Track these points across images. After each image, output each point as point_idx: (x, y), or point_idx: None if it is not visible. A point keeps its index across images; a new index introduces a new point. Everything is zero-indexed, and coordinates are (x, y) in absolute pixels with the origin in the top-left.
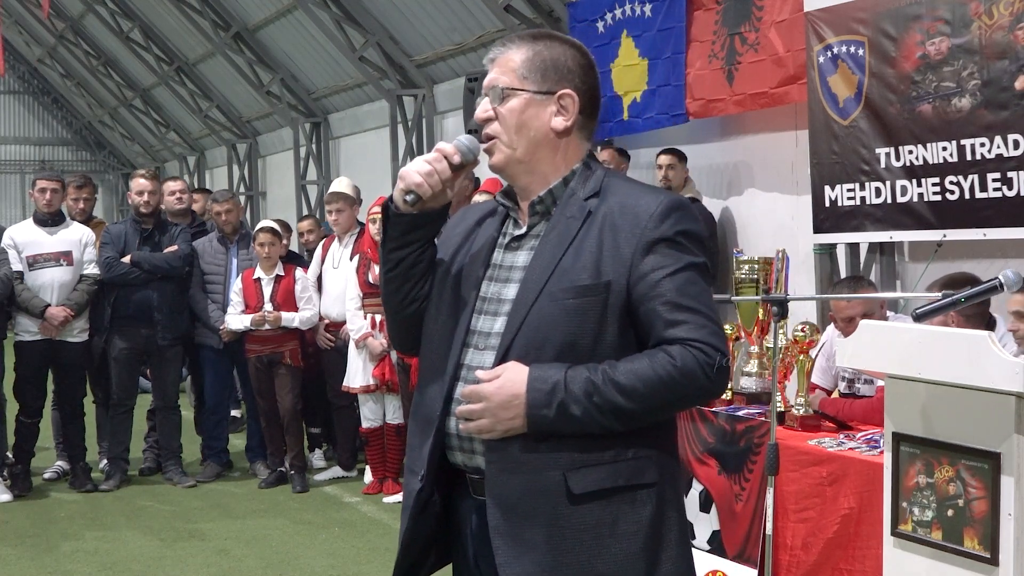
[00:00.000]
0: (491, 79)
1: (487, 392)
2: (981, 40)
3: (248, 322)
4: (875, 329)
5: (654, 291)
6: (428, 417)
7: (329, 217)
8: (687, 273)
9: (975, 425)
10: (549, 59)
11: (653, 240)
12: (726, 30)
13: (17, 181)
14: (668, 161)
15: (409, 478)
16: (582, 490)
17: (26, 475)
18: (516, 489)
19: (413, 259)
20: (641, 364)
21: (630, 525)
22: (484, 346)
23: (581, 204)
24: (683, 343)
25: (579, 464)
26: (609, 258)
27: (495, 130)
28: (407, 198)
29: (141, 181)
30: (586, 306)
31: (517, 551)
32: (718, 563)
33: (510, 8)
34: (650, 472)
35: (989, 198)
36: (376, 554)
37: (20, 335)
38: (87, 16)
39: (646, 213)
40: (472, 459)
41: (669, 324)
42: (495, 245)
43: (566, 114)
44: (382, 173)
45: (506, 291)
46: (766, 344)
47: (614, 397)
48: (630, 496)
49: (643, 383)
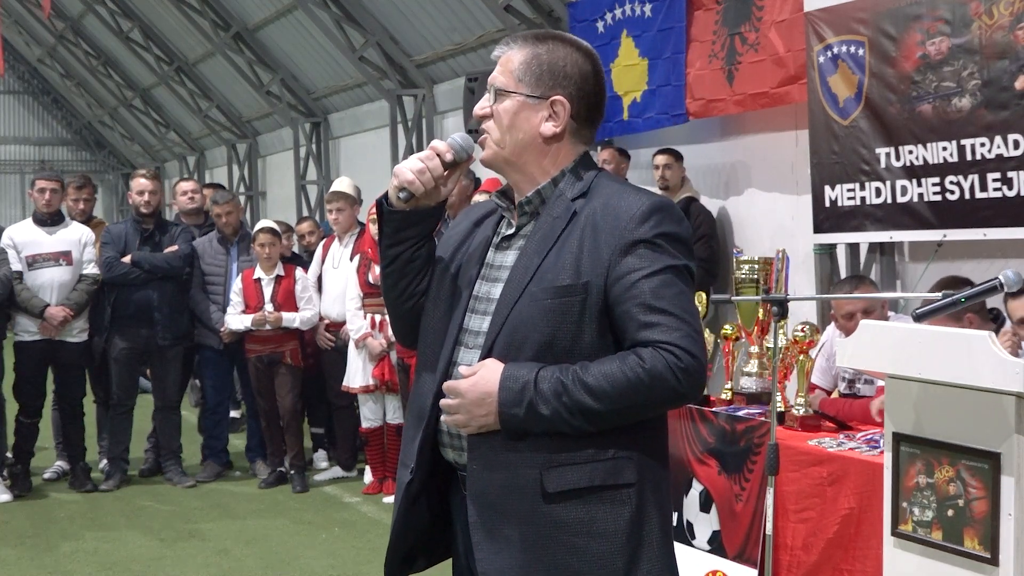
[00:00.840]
0: (491, 77)
1: (463, 388)
2: (981, 40)
3: (248, 322)
4: (875, 329)
5: (629, 292)
6: (420, 412)
7: (329, 216)
8: (664, 275)
9: (975, 425)
10: (547, 63)
11: (632, 241)
12: (726, 30)
13: (17, 181)
14: (665, 161)
15: (401, 471)
16: (556, 488)
17: (26, 475)
18: (494, 486)
19: (409, 255)
20: (611, 366)
21: (608, 524)
22: (473, 344)
23: (567, 204)
24: (655, 345)
25: (555, 463)
26: (588, 259)
27: (488, 127)
28: (400, 195)
29: (141, 181)
30: (565, 306)
31: (495, 547)
32: (718, 563)
33: (510, 8)
34: (629, 472)
35: (989, 198)
36: (376, 554)
37: (19, 335)
38: (87, 16)
39: (627, 214)
40: (462, 456)
41: (642, 326)
42: (489, 244)
43: (556, 120)
44: (382, 173)
45: (494, 290)
46: (766, 344)
47: (582, 398)
48: (608, 496)
49: (611, 385)
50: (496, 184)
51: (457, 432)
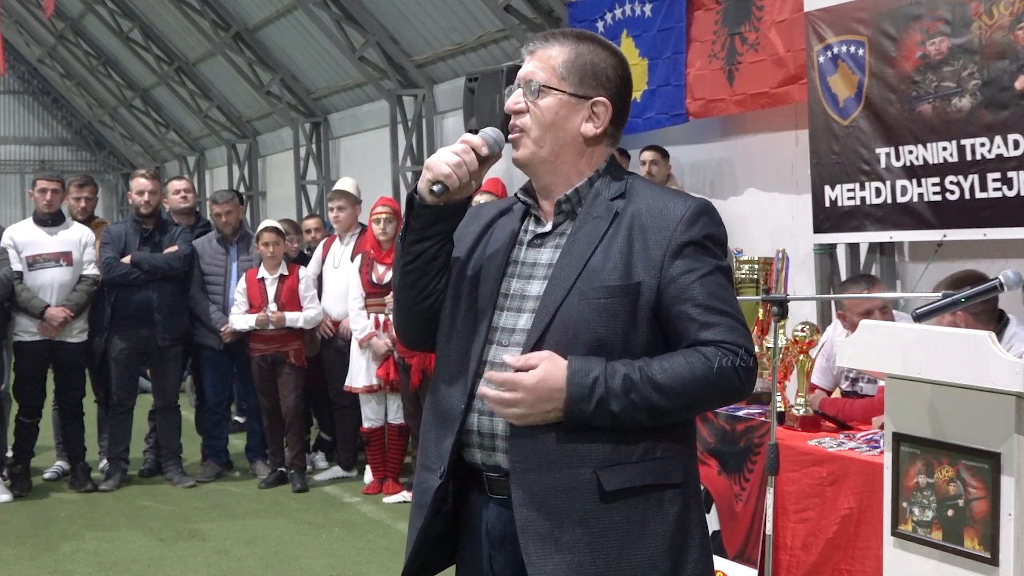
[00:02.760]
0: (528, 72)
1: (527, 384)
2: (981, 40)
3: (252, 322)
4: (875, 329)
5: (686, 294)
6: (448, 413)
7: (330, 215)
8: (716, 276)
9: (975, 425)
10: (590, 63)
11: (683, 243)
12: (726, 30)
13: (17, 181)
14: (651, 157)
15: (426, 475)
16: (614, 487)
17: (26, 475)
18: (546, 487)
19: (433, 252)
20: (677, 363)
21: (658, 525)
22: (508, 342)
23: (608, 204)
24: (717, 345)
25: (610, 462)
26: (639, 260)
27: (524, 124)
28: (434, 188)
29: (141, 181)
30: (616, 306)
31: (546, 550)
32: (718, 563)
33: (510, 8)
34: (676, 471)
35: (989, 198)
36: (376, 554)
37: (19, 335)
38: (87, 16)
39: (675, 216)
40: (492, 457)
41: (703, 326)
42: (515, 242)
43: (597, 121)
44: (382, 173)
45: (530, 287)
46: (766, 344)
47: (651, 395)
48: (657, 496)
49: (679, 382)
50: (496, 184)
51: (490, 432)
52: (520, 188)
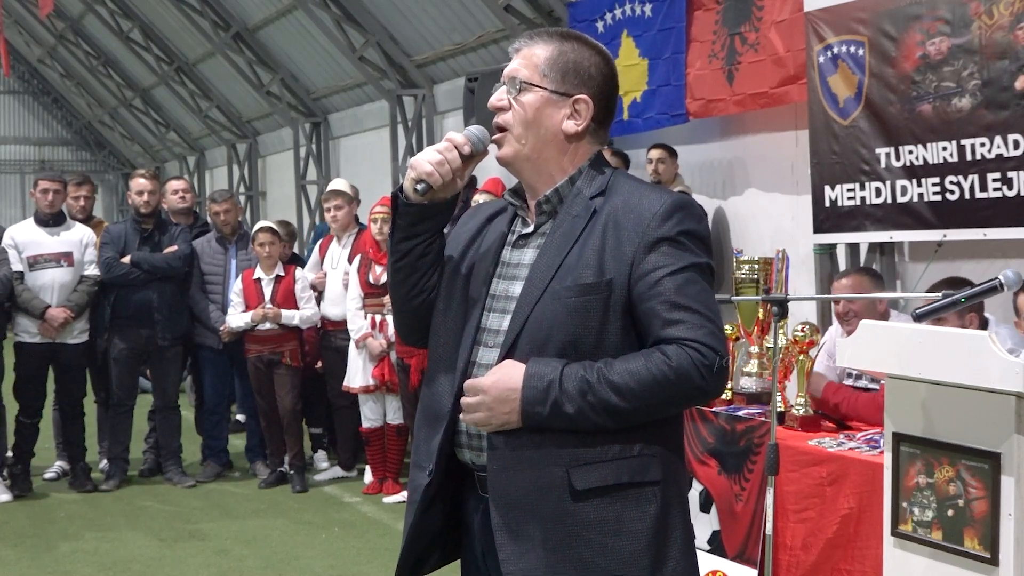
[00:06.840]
0: (512, 69)
1: (484, 386)
2: (981, 40)
3: (248, 319)
4: (875, 329)
5: (653, 290)
6: (437, 413)
7: (327, 215)
8: (688, 273)
9: (975, 425)
10: (572, 61)
11: (656, 239)
12: (726, 30)
13: (17, 181)
14: (659, 155)
15: (416, 473)
16: (585, 486)
17: (26, 475)
18: (519, 486)
19: (421, 250)
20: (636, 363)
21: (635, 523)
22: (493, 343)
23: (586, 203)
24: (679, 343)
25: (582, 461)
26: (611, 256)
27: (506, 120)
28: (417, 187)
29: (141, 181)
30: (589, 304)
31: (520, 548)
32: (718, 563)
33: (510, 8)
34: (654, 470)
35: (989, 198)
36: (376, 554)
37: (20, 336)
38: (87, 16)
39: (649, 212)
40: (480, 456)
41: (667, 323)
42: (504, 243)
43: (579, 118)
44: (382, 173)
45: (513, 288)
46: (766, 344)
47: (608, 396)
48: (635, 494)
49: (637, 382)
50: (496, 184)
51: (477, 432)
52: (509, 189)
